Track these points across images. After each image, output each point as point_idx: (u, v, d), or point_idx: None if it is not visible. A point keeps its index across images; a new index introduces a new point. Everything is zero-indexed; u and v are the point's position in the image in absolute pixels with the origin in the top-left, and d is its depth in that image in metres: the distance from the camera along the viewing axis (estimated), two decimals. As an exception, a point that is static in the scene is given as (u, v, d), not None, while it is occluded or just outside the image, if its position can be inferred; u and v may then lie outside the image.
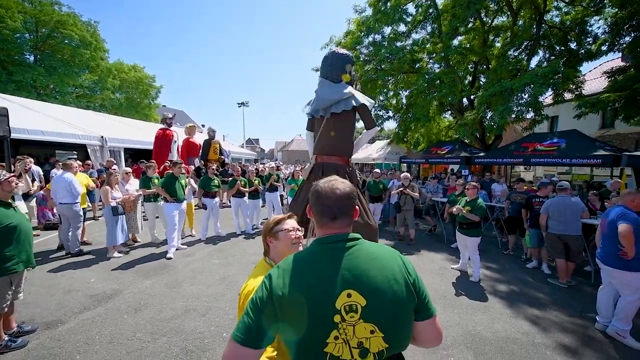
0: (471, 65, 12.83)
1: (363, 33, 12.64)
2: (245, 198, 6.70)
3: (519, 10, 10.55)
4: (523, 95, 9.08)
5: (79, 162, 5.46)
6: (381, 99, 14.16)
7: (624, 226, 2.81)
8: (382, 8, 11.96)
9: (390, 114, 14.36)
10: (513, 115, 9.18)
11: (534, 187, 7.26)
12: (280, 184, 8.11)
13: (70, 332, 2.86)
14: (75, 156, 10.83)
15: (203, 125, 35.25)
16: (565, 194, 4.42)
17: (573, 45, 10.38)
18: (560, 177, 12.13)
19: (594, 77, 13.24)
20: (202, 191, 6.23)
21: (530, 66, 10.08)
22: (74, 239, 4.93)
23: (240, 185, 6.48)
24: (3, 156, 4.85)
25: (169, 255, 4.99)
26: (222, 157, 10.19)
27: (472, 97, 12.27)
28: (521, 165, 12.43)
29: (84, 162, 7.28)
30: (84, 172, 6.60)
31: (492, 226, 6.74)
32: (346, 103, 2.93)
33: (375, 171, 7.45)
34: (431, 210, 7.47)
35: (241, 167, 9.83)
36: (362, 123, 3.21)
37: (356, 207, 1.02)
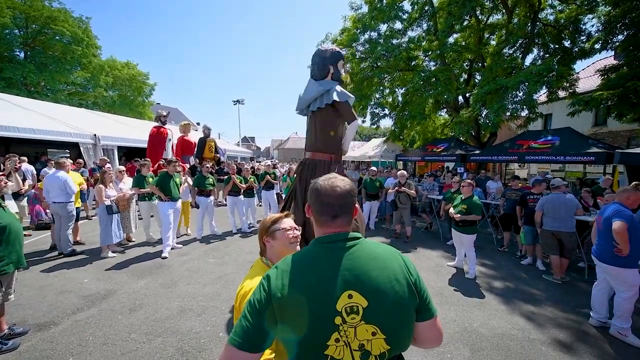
0: (467, 63, 12.89)
1: (359, 30, 12.63)
2: (241, 196, 6.66)
3: (514, 8, 10.62)
4: (518, 93, 9.17)
5: (70, 160, 5.36)
6: (377, 96, 14.17)
7: (618, 223, 2.84)
8: (378, 5, 11.97)
9: (386, 111, 14.40)
10: (508, 113, 9.26)
11: (528, 184, 7.32)
12: (277, 182, 8.08)
13: (63, 334, 2.81)
14: (68, 154, 10.69)
15: (198, 123, 35.04)
16: (559, 191, 4.46)
17: (567, 44, 10.48)
18: (553, 174, 12.25)
19: (587, 75, 13.40)
20: (196, 190, 6.19)
21: (525, 64, 10.16)
22: (65, 239, 4.85)
23: (236, 180, 6.43)
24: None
25: (164, 255, 4.94)
26: (218, 155, 10.12)
27: (467, 95, 12.35)
28: (515, 163, 12.53)
29: (75, 161, 7.16)
30: (76, 171, 6.50)
31: (487, 223, 6.79)
32: (321, 100, 3.01)
33: (371, 169, 7.44)
34: (427, 208, 7.50)
35: (237, 165, 9.77)
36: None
37: (356, 205, 1.00)
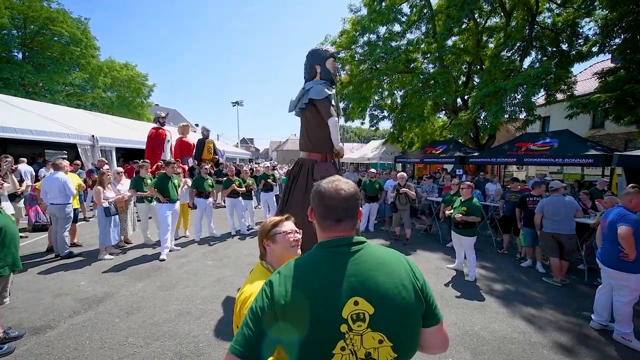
0: (465, 66, 12.94)
1: (358, 32, 12.65)
2: (240, 198, 6.63)
3: (512, 11, 10.67)
4: (516, 95, 9.20)
5: (67, 161, 5.32)
6: (376, 98, 14.19)
7: (623, 228, 2.79)
8: (377, 8, 11.99)
9: (385, 113, 14.41)
10: (506, 115, 9.28)
11: (527, 186, 7.33)
12: (277, 184, 8.05)
13: (60, 338, 2.77)
14: (66, 155, 10.63)
15: (197, 124, 34.99)
16: (559, 194, 4.46)
17: (564, 47, 10.53)
18: (552, 176, 12.31)
19: (585, 78, 13.46)
20: (194, 191, 6.15)
21: (523, 67, 10.20)
22: (62, 241, 4.79)
23: (235, 185, 6.40)
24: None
25: (162, 257, 4.90)
26: (216, 156, 10.10)
27: (466, 97, 12.38)
28: (514, 165, 12.56)
29: (73, 162, 7.11)
30: (73, 172, 6.44)
31: (486, 225, 6.79)
32: (301, 101, 3.08)
33: (370, 171, 7.42)
34: (426, 210, 7.49)
35: (235, 166, 9.74)
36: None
37: (360, 209, 0.98)
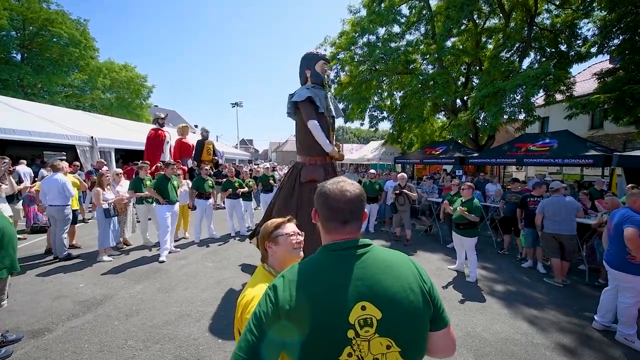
0: (464, 67, 12.97)
1: (358, 34, 12.68)
2: (239, 199, 6.61)
3: (511, 12, 10.71)
4: (515, 96, 9.21)
5: (66, 163, 5.29)
6: (375, 99, 14.22)
7: (629, 230, 2.76)
8: (377, 9, 12.02)
9: (385, 114, 14.44)
10: (506, 116, 9.30)
11: (527, 187, 7.33)
12: (277, 185, 8.04)
13: (58, 341, 2.74)
14: (65, 157, 10.57)
15: (196, 125, 34.93)
16: (559, 194, 4.45)
17: (563, 47, 10.58)
18: (551, 177, 12.30)
19: (584, 78, 13.50)
20: (195, 192, 6.13)
21: (522, 67, 10.22)
22: (60, 243, 4.75)
23: (237, 186, 6.39)
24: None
25: (161, 259, 4.87)
26: (216, 157, 10.08)
27: (465, 98, 12.39)
28: (514, 166, 12.57)
29: (72, 163, 7.07)
30: (72, 174, 6.41)
31: (486, 226, 6.78)
32: (289, 105, 3.18)
33: (370, 171, 7.42)
34: (427, 211, 7.48)
35: (235, 167, 9.72)
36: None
37: (365, 211, 0.96)
